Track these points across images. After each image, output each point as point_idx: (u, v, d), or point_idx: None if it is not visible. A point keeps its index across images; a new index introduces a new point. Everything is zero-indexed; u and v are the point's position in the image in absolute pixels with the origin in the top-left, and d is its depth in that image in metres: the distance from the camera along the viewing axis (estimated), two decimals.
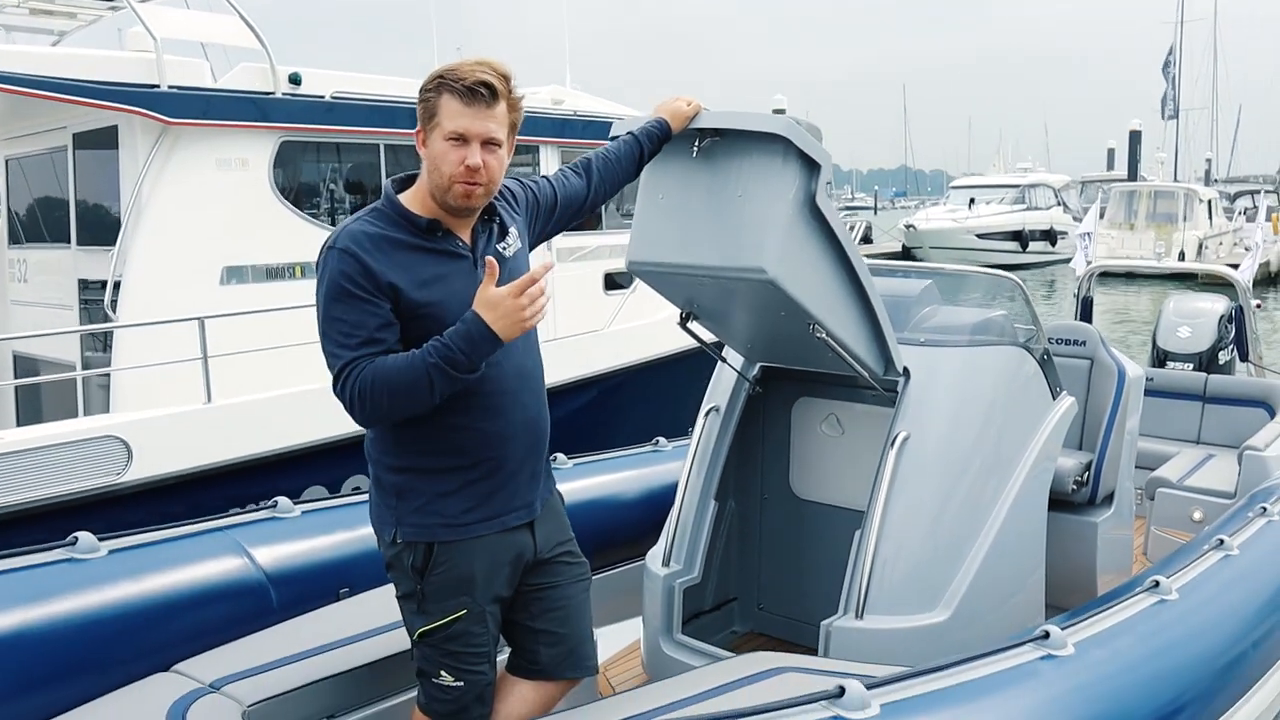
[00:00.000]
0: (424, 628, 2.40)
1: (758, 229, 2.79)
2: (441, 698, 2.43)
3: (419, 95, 2.33)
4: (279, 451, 5.94)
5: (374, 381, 2.20)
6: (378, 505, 2.46)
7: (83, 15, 7.36)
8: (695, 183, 2.92)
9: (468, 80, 2.26)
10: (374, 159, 7.31)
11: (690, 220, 2.93)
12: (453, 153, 2.28)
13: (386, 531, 2.42)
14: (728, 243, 2.84)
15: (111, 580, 2.79)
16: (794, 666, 2.75)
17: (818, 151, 2.81)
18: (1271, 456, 4.92)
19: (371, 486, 2.48)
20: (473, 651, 2.42)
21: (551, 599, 2.58)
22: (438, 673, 2.41)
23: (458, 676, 2.41)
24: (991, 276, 4.00)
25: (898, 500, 3.17)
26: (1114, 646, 2.71)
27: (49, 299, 6.97)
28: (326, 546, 3.25)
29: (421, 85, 2.32)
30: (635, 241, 3.09)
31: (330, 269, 2.26)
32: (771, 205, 2.79)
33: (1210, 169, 52.31)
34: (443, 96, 2.28)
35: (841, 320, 3.04)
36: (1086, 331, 4.69)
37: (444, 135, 2.28)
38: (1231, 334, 6.60)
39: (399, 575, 2.43)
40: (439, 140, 2.29)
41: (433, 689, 2.44)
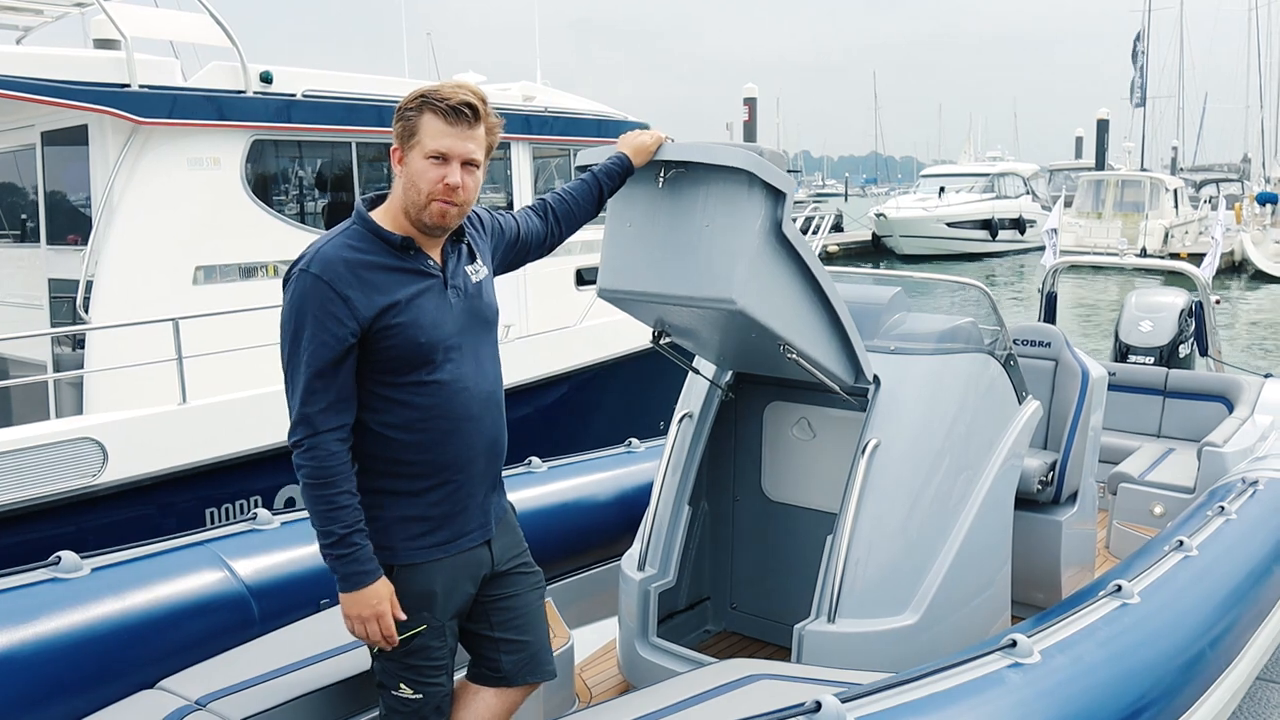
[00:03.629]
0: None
1: (725, 259, 2.83)
2: (401, 709, 2.47)
3: (398, 114, 2.35)
4: (255, 451, 5.93)
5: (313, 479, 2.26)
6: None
7: (49, 11, 7.26)
8: (662, 212, 2.95)
9: (451, 100, 2.30)
10: (346, 157, 7.29)
11: (658, 249, 2.97)
12: (432, 170, 2.30)
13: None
14: (696, 272, 2.88)
15: (95, 598, 2.81)
16: (769, 674, 2.81)
17: (781, 180, 2.85)
18: (1229, 452, 5.05)
19: None
20: (432, 664, 2.46)
21: (511, 609, 2.62)
22: (397, 685, 2.45)
23: (417, 689, 2.45)
24: (958, 283, 4.08)
25: (868, 505, 3.24)
26: (1078, 652, 2.80)
27: (18, 298, 6.92)
28: (306, 557, 3.27)
29: (401, 105, 2.34)
30: (605, 269, 3.12)
31: (303, 297, 2.25)
32: (738, 235, 2.83)
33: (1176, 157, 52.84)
34: (425, 115, 2.30)
35: (811, 339, 3.11)
36: (1051, 333, 4.79)
37: (425, 154, 2.30)
38: (1192, 328, 6.73)
39: None
40: (419, 158, 2.31)
41: (392, 701, 2.47)
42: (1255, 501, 4.23)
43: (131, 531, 4.80)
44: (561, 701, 3.40)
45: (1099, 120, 43.98)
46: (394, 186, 2.38)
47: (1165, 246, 28.11)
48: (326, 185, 7.46)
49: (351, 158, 7.28)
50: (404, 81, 7.87)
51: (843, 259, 30.81)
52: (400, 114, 2.34)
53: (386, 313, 2.28)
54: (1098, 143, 43.93)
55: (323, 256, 2.27)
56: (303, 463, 2.27)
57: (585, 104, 9.22)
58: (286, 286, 2.30)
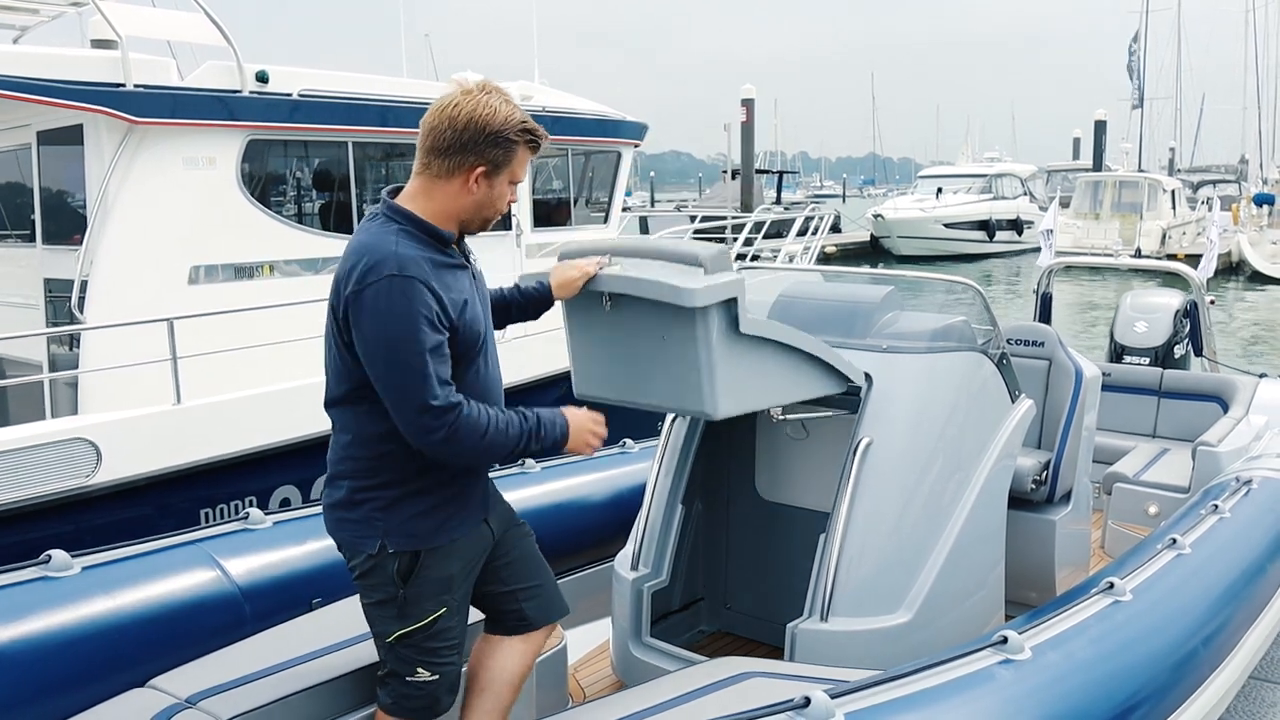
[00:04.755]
0: (405, 629, 2.48)
1: (692, 374, 2.81)
2: (415, 694, 2.53)
3: (496, 137, 2.36)
4: (249, 452, 5.93)
5: (483, 428, 2.34)
6: (356, 522, 2.47)
7: (45, 11, 7.26)
8: (619, 328, 2.92)
9: (540, 135, 2.44)
10: (342, 156, 7.29)
11: (625, 363, 2.96)
12: (509, 193, 2.46)
13: (368, 544, 2.45)
14: (668, 385, 2.89)
15: (85, 597, 2.80)
16: (761, 671, 2.81)
17: (729, 290, 2.76)
18: (1223, 452, 5.05)
19: (340, 505, 2.49)
20: (448, 645, 2.54)
21: (517, 561, 2.77)
22: (414, 671, 2.50)
23: (434, 670, 2.52)
24: (951, 282, 4.08)
25: (861, 504, 3.25)
26: (1069, 649, 2.80)
27: (14, 298, 6.91)
28: (298, 557, 3.27)
29: (501, 130, 2.36)
30: (578, 376, 3.11)
31: (407, 297, 2.26)
32: (698, 350, 2.78)
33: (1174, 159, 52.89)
34: (520, 148, 2.41)
35: (796, 390, 3.14)
36: (1045, 333, 4.79)
37: (511, 179, 2.43)
38: (1187, 329, 6.74)
39: (376, 583, 2.48)
40: (504, 183, 2.43)
41: (405, 688, 2.52)
42: (1249, 501, 4.24)
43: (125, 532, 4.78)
44: (555, 701, 3.40)
45: (1096, 121, 44.04)
46: (447, 192, 2.40)
47: (1163, 247, 28.14)
48: (322, 185, 7.46)
49: (348, 157, 7.28)
50: (402, 82, 7.87)
51: (840, 260, 30.83)
52: (500, 138, 2.37)
53: (463, 309, 2.39)
54: (1095, 144, 43.99)
55: (401, 258, 2.29)
56: (460, 435, 2.31)
57: (584, 104, 9.22)
58: (367, 295, 2.27)
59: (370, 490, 2.44)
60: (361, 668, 2.79)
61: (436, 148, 2.37)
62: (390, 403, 2.31)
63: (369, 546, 2.45)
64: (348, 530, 2.50)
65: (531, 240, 8.57)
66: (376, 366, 2.29)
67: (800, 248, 11.50)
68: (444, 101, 2.38)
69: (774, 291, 3.83)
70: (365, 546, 2.46)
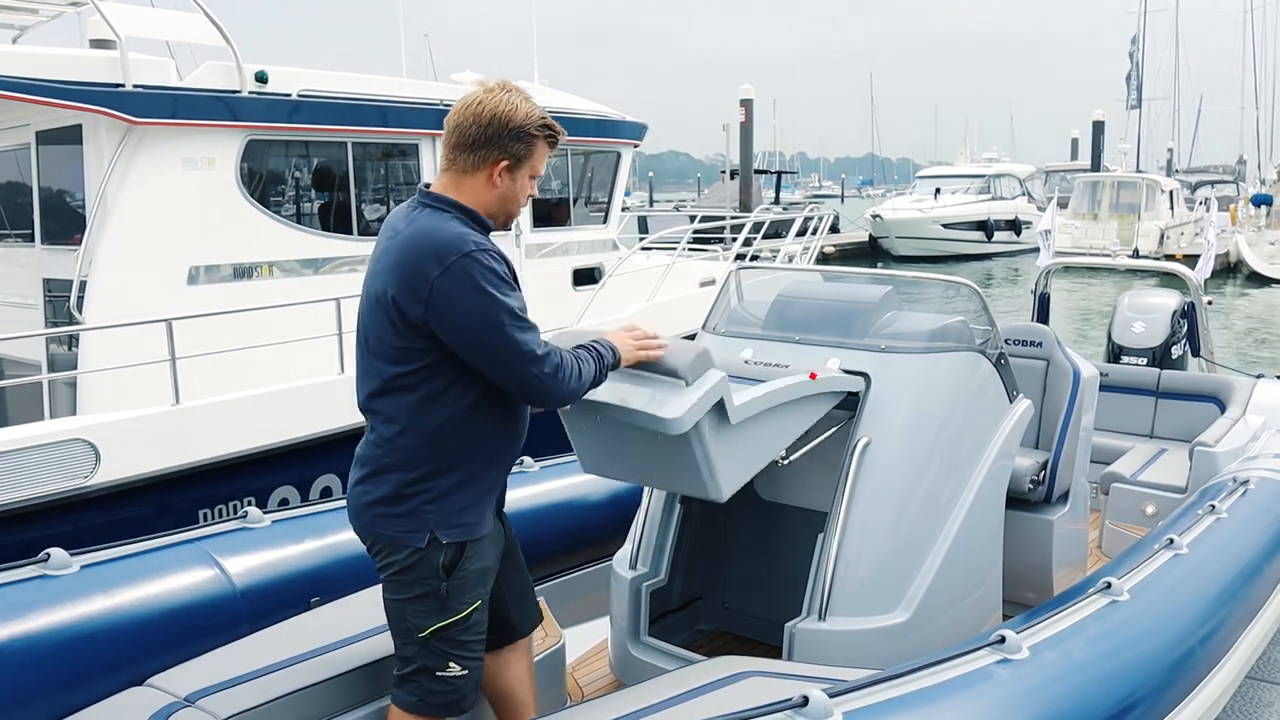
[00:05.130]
0: (443, 622, 2.51)
1: (693, 468, 2.85)
2: (443, 690, 2.55)
3: (518, 131, 2.48)
4: (248, 453, 5.93)
5: (573, 363, 2.51)
6: (402, 516, 2.48)
7: (45, 11, 7.27)
8: (614, 432, 2.96)
9: (557, 131, 2.57)
10: (341, 156, 7.29)
11: (627, 454, 3.02)
12: (529, 189, 2.59)
13: (415, 538, 2.48)
14: (671, 475, 2.96)
15: (84, 595, 2.81)
16: (760, 670, 2.81)
17: (713, 396, 2.77)
18: (1221, 452, 5.06)
19: (384, 500, 2.50)
20: (478, 639, 2.61)
21: (509, 563, 2.83)
22: (446, 665, 2.54)
23: (464, 665, 2.56)
24: (949, 282, 4.08)
25: (859, 504, 3.25)
26: (1067, 648, 2.80)
27: (13, 298, 6.91)
28: (296, 556, 3.27)
29: (522, 124, 2.49)
30: (584, 456, 3.16)
31: (491, 268, 2.39)
32: (694, 452, 2.82)
33: (1172, 159, 52.90)
34: (541, 144, 2.55)
35: (801, 424, 3.20)
36: (1042, 333, 4.80)
37: (531, 173, 2.57)
38: (1184, 329, 6.75)
39: (418, 577, 2.49)
40: (525, 178, 2.56)
41: (434, 684, 2.54)
42: (1246, 501, 4.24)
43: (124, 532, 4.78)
44: (553, 700, 3.40)
45: (1095, 122, 44.07)
46: (474, 186, 2.51)
47: (1161, 248, 28.15)
48: (322, 185, 7.46)
49: (347, 157, 7.28)
50: (401, 81, 7.87)
51: (839, 260, 30.84)
52: (521, 133, 2.49)
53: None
54: (1093, 144, 44.03)
55: (477, 239, 2.43)
56: (566, 372, 2.48)
57: (584, 104, 9.23)
58: (455, 272, 2.36)
59: (421, 482, 2.47)
60: (359, 666, 2.79)
61: (462, 143, 2.48)
62: (499, 367, 2.41)
63: (416, 540, 2.47)
64: (392, 526, 2.49)
65: (531, 240, 8.57)
66: (477, 337, 2.38)
67: (799, 248, 11.51)
68: (468, 99, 2.49)
69: (773, 291, 3.84)
70: (412, 540, 2.48)
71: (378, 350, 2.48)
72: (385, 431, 2.49)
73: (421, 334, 2.39)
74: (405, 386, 2.45)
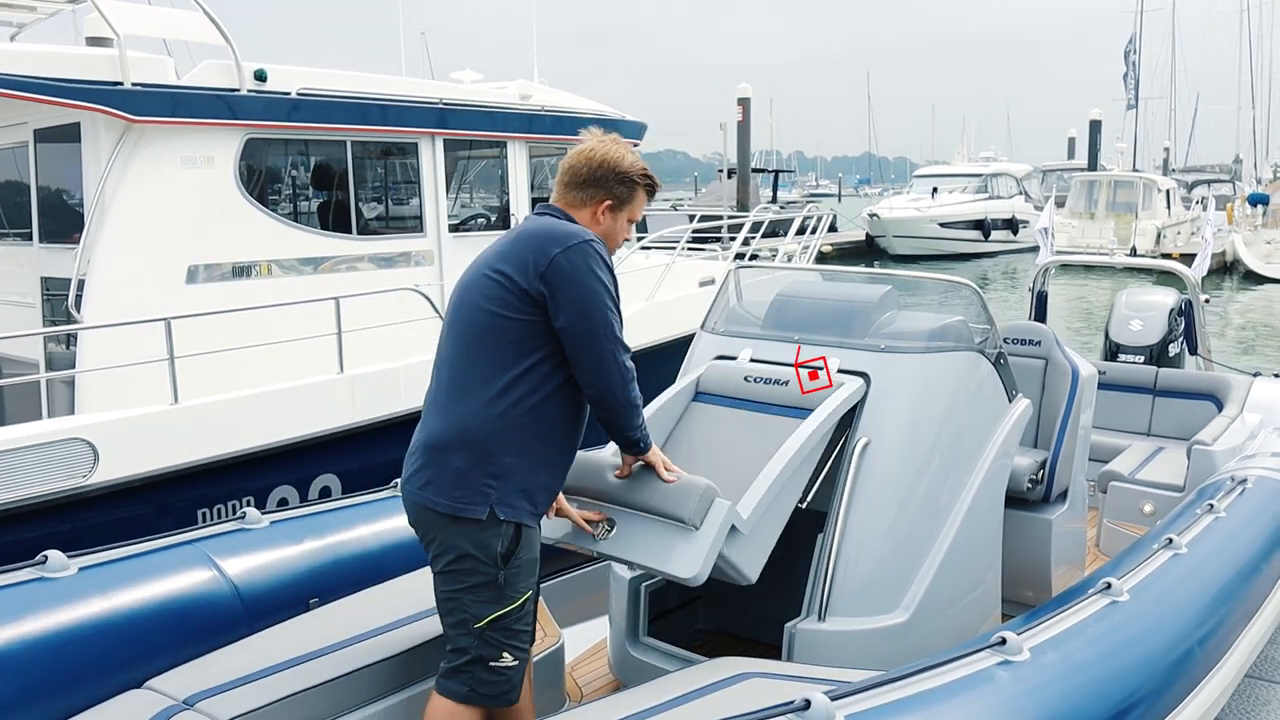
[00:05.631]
0: (501, 611, 2.63)
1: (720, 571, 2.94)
2: (496, 680, 2.66)
3: (624, 177, 2.82)
4: (246, 452, 5.91)
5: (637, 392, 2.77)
6: (464, 489, 2.60)
7: (43, 8, 7.24)
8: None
9: (657, 183, 2.90)
10: (340, 155, 7.28)
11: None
12: (626, 230, 2.90)
13: (476, 510, 2.59)
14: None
15: (82, 598, 2.80)
16: (760, 672, 2.81)
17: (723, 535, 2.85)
18: (1218, 451, 5.06)
19: (444, 476, 2.61)
20: (529, 629, 2.75)
21: None
22: (499, 655, 2.65)
23: (516, 655, 2.68)
24: (948, 282, 4.09)
25: (859, 504, 3.25)
26: (1067, 649, 2.80)
27: (11, 296, 6.90)
28: (295, 557, 3.27)
29: (628, 171, 2.83)
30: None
31: (605, 260, 2.69)
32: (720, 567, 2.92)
33: (1168, 158, 52.91)
34: (641, 191, 2.87)
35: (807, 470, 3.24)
36: (1041, 332, 4.80)
37: (630, 218, 2.89)
38: (1182, 327, 6.76)
39: (475, 565, 2.60)
40: (624, 220, 2.88)
41: (488, 674, 2.65)
42: (1244, 500, 4.25)
43: (122, 532, 4.79)
44: (552, 700, 3.40)
45: (1091, 121, 44.08)
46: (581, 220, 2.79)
47: (1158, 247, 28.17)
48: (321, 184, 7.44)
49: (346, 156, 7.26)
50: (400, 80, 7.86)
51: (836, 259, 30.84)
52: (626, 179, 2.83)
53: None
54: (1090, 144, 44.04)
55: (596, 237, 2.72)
56: (633, 381, 2.73)
57: (583, 103, 9.21)
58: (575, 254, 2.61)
59: (486, 460, 2.61)
60: (359, 668, 2.79)
61: (573, 182, 2.82)
62: (591, 343, 2.61)
63: (477, 512, 2.59)
64: (453, 498, 2.60)
65: None
66: (583, 311, 2.60)
67: (798, 247, 11.51)
68: (582, 147, 2.83)
69: (772, 291, 3.84)
70: (472, 512, 2.60)
71: (457, 343, 2.68)
72: (456, 412, 2.63)
73: (529, 304, 2.60)
74: (490, 369, 2.62)
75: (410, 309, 6.92)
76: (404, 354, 6.78)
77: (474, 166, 8.69)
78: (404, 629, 2.96)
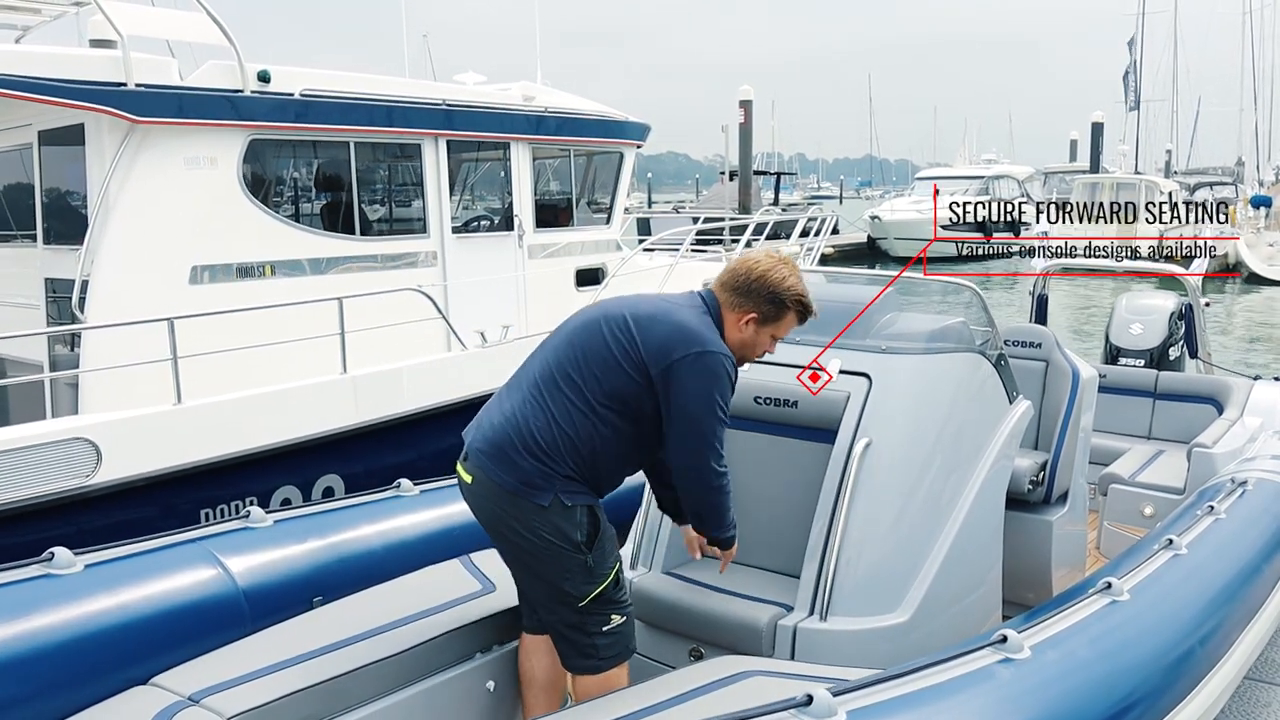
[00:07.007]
0: (598, 588, 2.85)
1: None
2: (613, 641, 2.92)
3: (775, 291, 2.94)
4: (250, 452, 5.92)
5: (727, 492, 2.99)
6: (533, 474, 2.77)
7: (47, 10, 7.27)
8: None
9: (812, 310, 3.02)
10: (344, 156, 7.30)
11: None
12: (767, 345, 3.02)
13: (541, 496, 2.77)
14: None
15: (88, 595, 2.81)
16: (761, 670, 2.83)
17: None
18: (1219, 453, 5.07)
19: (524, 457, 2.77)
20: (624, 590, 2.98)
21: None
22: (609, 619, 2.90)
23: (623, 614, 2.94)
24: (949, 283, 4.10)
25: (860, 504, 3.27)
26: (1068, 648, 2.82)
27: (16, 298, 6.91)
28: (299, 555, 3.28)
29: (781, 288, 2.94)
30: None
31: (728, 374, 2.84)
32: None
33: (1170, 161, 52.89)
34: (791, 313, 2.99)
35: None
36: (1042, 334, 4.81)
37: (773, 334, 3.01)
38: (1182, 330, 6.76)
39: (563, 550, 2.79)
40: (767, 335, 3.00)
41: (605, 639, 2.90)
42: (1244, 502, 4.26)
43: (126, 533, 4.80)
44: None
45: (1093, 123, 44.02)
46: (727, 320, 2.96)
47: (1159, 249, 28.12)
48: (324, 185, 7.46)
49: (350, 158, 7.28)
50: (403, 82, 7.88)
51: (838, 261, 30.84)
52: (777, 299, 2.95)
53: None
54: (1092, 146, 43.97)
55: (724, 348, 2.88)
56: (725, 491, 2.96)
57: (586, 104, 9.23)
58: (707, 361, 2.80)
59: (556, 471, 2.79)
60: (362, 666, 2.80)
61: (730, 285, 2.96)
62: (692, 446, 2.82)
63: (541, 499, 2.77)
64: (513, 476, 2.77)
65: (534, 241, 8.58)
66: (691, 414, 2.79)
67: (801, 249, 11.53)
68: (749, 255, 3.00)
69: None
70: (537, 498, 2.77)
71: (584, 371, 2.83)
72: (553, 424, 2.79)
73: (644, 376, 2.79)
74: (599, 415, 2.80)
75: (413, 310, 6.94)
76: (407, 355, 6.80)
77: (477, 168, 8.71)
78: (407, 627, 2.97)
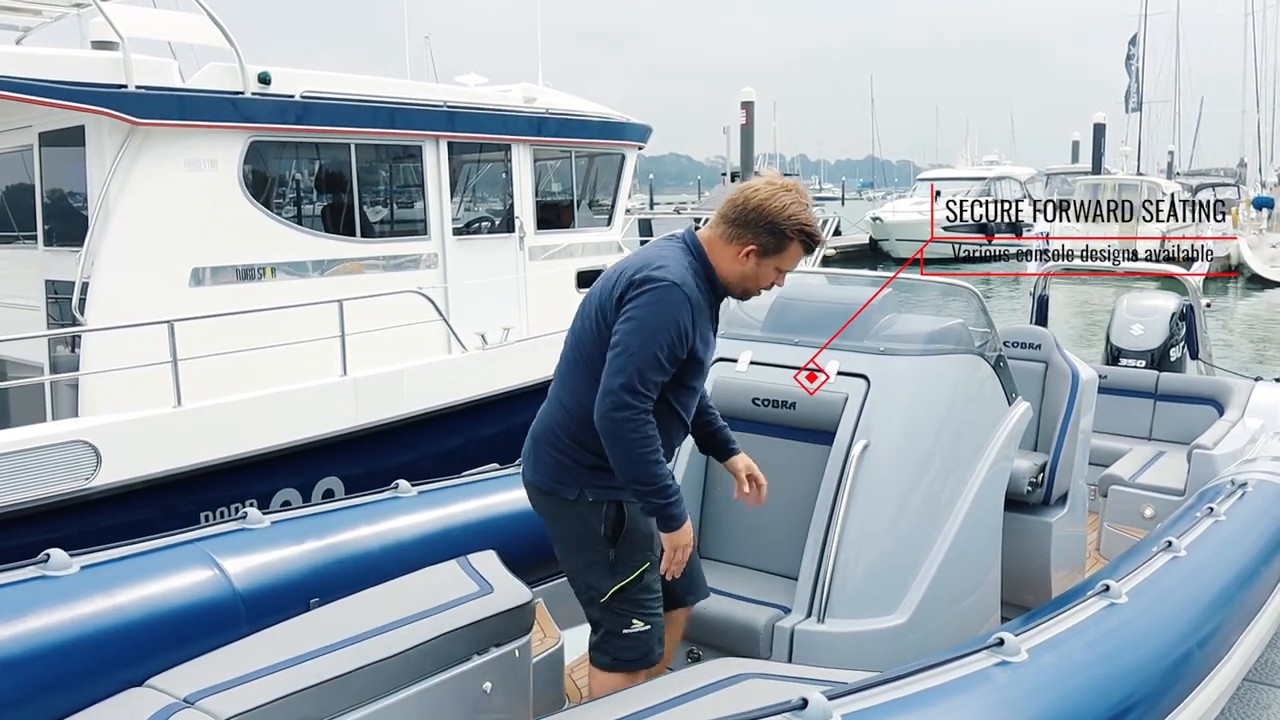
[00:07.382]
0: (619, 584, 2.81)
1: None
2: (632, 645, 2.85)
3: (774, 223, 2.74)
4: (250, 455, 5.92)
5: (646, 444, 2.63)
6: (557, 468, 2.80)
7: (48, 12, 7.28)
8: None
9: (817, 239, 2.82)
10: (344, 158, 7.30)
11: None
12: (773, 277, 2.85)
13: (567, 490, 2.80)
14: None
15: (84, 596, 2.80)
16: (758, 673, 2.82)
17: None
18: (1219, 455, 5.06)
19: (547, 450, 2.82)
20: (654, 597, 2.88)
21: None
22: (630, 622, 2.83)
23: (646, 620, 2.85)
24: (948, 284, 4.10)
25: (858, 506, 3.26)
26: (1065, 651, 2.80)
27: (16, 300, 6.92)
28: (296, 556, 3.27)
29: (780, 218, 2.74)
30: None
31: (675, 308, 2.64)
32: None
33: (1173, 162, 52.84)
34: (794, 244, 2.79)
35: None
36: (1041, 335, 4.81)
37: (777, 267, 2.83)
38: (1183, 331, 6.76)
39: (584, 542, 2.80)
40: (770, 267, 2.82)
41: (622, 641, 2.84)
42: (1244, 503, 4.24)
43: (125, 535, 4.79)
44: (551, 702, 3.41)
45: (1095, 125, 43.98)
46: (724, 254, 2.79)
47: (1161, 250, 28.10)
48: (325, 187, 7.46)
49: (350, 159, 7.28)
50: (404, 83, 7.88)
51: (840, 262, 30.84)
52: (777, 229, 2.75)
53: (701, 349, 2.77)
54: (1094, 147, 43.95)
55: (688, 286, 2.68)
56: (628, 429, 2.62)
57: (588, 105, 9.23)
58: (649, 286, 2.64)
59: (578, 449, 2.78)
60: (359, 667, 2.79)
61: (727, 217, 2.79)
62: (610, 369, 2.63)
63: (567, 492, 2.79)
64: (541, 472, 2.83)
65: (535, 242, 8.58)
66: (621, 336, 2.62)
67: None
68: (751, 184, 2.81)
69: (773, 293, 3.85)
70: (563, 491, 2.80)
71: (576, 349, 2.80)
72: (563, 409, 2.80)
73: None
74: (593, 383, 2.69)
75: (414, 312, 6.94)
76: (407, 357, 6.79)
77: (478, 170, 8.71)
78: (404, 629, 2.96)
